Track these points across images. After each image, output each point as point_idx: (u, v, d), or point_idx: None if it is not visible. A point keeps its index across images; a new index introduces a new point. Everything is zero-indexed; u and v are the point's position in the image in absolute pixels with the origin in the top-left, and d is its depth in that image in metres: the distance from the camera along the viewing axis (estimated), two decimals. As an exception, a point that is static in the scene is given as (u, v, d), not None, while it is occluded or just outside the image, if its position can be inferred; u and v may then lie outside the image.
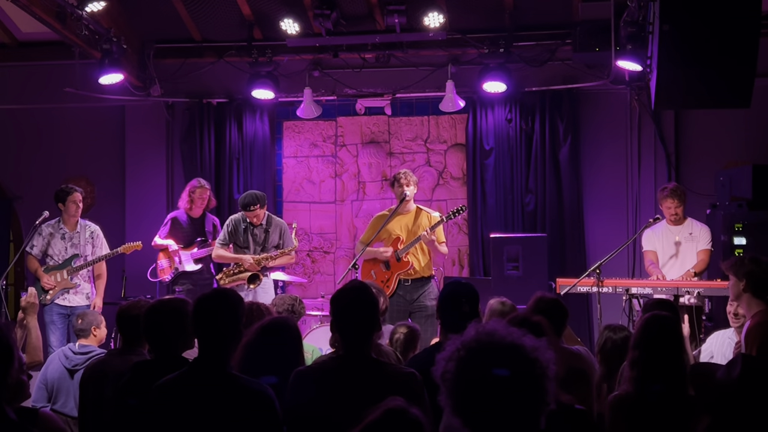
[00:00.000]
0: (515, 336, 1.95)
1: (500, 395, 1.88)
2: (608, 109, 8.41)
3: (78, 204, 7.24)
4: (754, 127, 7.96)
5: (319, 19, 7.78)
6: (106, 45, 7.69)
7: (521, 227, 8.32)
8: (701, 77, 5.12)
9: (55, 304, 7.09)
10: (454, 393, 1.93)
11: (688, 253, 6.73)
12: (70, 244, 7.24)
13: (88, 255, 7.27)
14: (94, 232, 7.35)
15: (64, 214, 7.24)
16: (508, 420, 1.89)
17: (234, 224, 7.25)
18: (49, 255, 7.23)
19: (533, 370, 1.90)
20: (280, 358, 3.45)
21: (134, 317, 4.11)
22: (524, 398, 1.90)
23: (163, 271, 7.78)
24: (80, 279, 7.23)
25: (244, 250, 7.19)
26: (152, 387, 3.16)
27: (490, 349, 1.92)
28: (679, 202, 6.75)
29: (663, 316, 3.43)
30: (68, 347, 5.21)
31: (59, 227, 7.25)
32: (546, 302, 4.10)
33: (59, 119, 8.98)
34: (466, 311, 3.70)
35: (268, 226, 7.22)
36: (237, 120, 8.78)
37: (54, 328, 7.02)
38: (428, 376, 3.17)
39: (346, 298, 3.31)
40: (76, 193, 7.25)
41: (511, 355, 1.91)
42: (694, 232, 6.78)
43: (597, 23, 7.42)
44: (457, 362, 1.94)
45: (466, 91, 8.29)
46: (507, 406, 1.89)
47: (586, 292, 6.58)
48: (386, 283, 6.87)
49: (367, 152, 8.82)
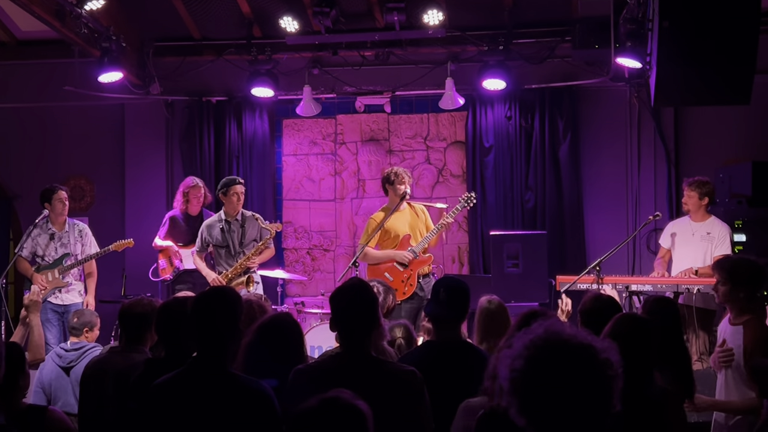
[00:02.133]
0: (583, 336, 1.91)
1: (570, 396, 1.84)
2: (608, 107, 8.41)
3: (64, 202, 7.15)
4: (754, 124, 7.95)
5: (319, 16, 7.78)
6: (105, 43, 7.69)
7: (521, 224, 8.31)
8: (701, 74, 5.11)
9: (48, 302, 7.04)
10: (522, 392, 1.88)
11: (700, 251, 6.57)
12: (59, 243, 7.18)
13: (78, 254, 7.22)
14: (83, 231, 7.30)
15: (51, 213, 7.12)
16: (575, 421, 1.85)
17: (208, 229, 7.15)
18: (39, 255, 7.16)
19: (604, 372, 1.86)
20: (282, 355, 3.45)
21: (137, 315, 4.11)
22: (593, 399, 1.85)
23: (164, 271, 7.78)
24: (71, 277, 7.20)
25: (225, 249, 7.09)
26: (151, 386, 3.16)
27: (562, 348, 1.88)
28: (694, 193, 6.58)
29: (637, 316, 3.43)
30: (60, 347, 5.22)
31: (47, 227, 7.17)
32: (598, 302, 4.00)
33: (59, 118, 8.99)
34: (443, 299, 3.77)
35: (243, 222, 7.12)
36: (236, 118, 8.78)
37: (50, 326, 7.00)
38: (423, 374, 3.22)
39: (345, 296, 3.30)
40: (61, 192, 7.16)
41: (582, 355, 1.87)
42: (712, 233, 6.58)
43: (596, 20, 7.41)
44: (526, 360, 1.89)
45: (466, 89, 8.29)
46: (576, 407, 1.85)
47: (586, 290, 6.56)
48: (408, 282, 6.75)
49: (366, 150, 8.82)
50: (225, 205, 7.11)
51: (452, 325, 3.77)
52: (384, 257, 6.82)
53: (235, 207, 7.09)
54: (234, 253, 7.05)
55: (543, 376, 1.86)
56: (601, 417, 1.87)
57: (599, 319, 3.59)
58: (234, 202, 7.07)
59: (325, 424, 2.11)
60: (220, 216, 7.14)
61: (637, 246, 7.87)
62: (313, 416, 2.12)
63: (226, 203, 7.10)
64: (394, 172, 6.91)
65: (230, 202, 7.07)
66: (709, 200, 6.68)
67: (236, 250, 7.06)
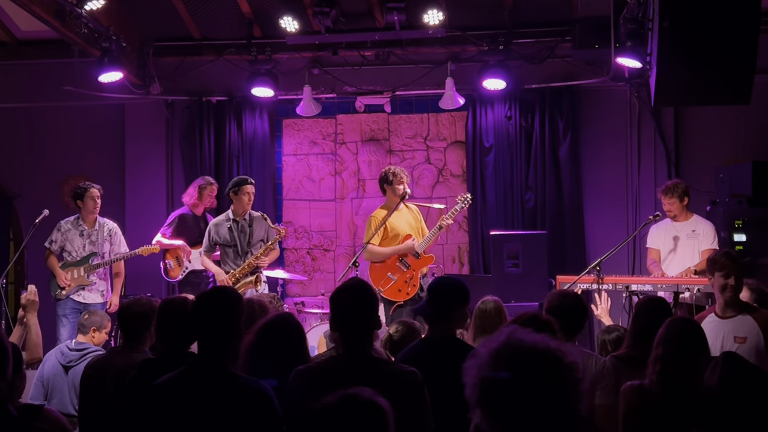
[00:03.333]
0: (546, 342, 1.88)
1: (534, 403, 1.82)
2: (608, 106, 8.41)
3: (96, 200, 7.29)
4: (754, 124, 7.95)
5: (319, 16, 7.78)
6: (105, 43, 7.69)
7: (521, 224, 8.31)
8: (701, 74, 5.10)
9: (69, 299, 7.19)
10: (487, 400, 1.86)
11: (689, 250, 6.70)
12: (88, 241, 7.30)
13: (105, 253, 7.33)
14: (112, 230, 7.42)
15: (83, 210, 7.30)
16: (541, 428, 1.83)
17: (215, 228, 7.18)
18: (67, 251, 7.28)
19: (568, 377, 1.84)
20: (283, 356, 3.45)
21: (135, 315, 4.12)
22: (558, 405, 1.83)
23: (173, 271, 7.77)
24: (96, 277, 7.28)
25: (233, 249, 7.11)
26: (152, 385, 3.16)
27: (525, 355, 1.86)
28: (673, 198, 6.70)
29: (687, 318, 3.49)
30: (65, 344, 5.23)
31: (78, 224, 7.31)
32: (565, 299, 4.09)
33: (59, 117, 8.98)
34: (425, 299, 3.87)
35: (251, 221, 7.14)
36: (236, 118, 8.78)
37: (66, 321, 7.09)
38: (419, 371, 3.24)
39: (345, 296, 3.30)
40: (94, 189, 7.30)
41: (545, 361, 1.84)
42: (697, 230, 6.72)
43: (596, 20, 7.40)
44: (490, 368, 1.87)
45: (466, 89, 8.29)
46: (541, 413, 1.82)
47: (587, 290, 6.57)
48: (411, 282, 6.79)
49: (366, 150, 8.82)
50: (234, 204, 7.14)
51: (441, 323, 3.80)
52: (389, 253, 6.84)
53: (244, 207, 7.12)
54: (241, 252, 7.08)
55: (507, 383, 1.84)
56: (567, 423, 1.84)
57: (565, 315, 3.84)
58: (245, 202, 7.10)
59: (345, 421, 2.08)
60: (228, 215, 7.17)
61: (637, 246, 7.86)
62: (334, 412, 2.09)
63: (235, 202, 7.13)
64: (392, 172, 6.91)
65: (240, 201, 7.10)
66: (688, 198, 6.78)
67: (244, 250, 7.08)
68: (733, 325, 4.48)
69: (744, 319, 4.46)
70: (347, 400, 2.11)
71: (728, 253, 4.69)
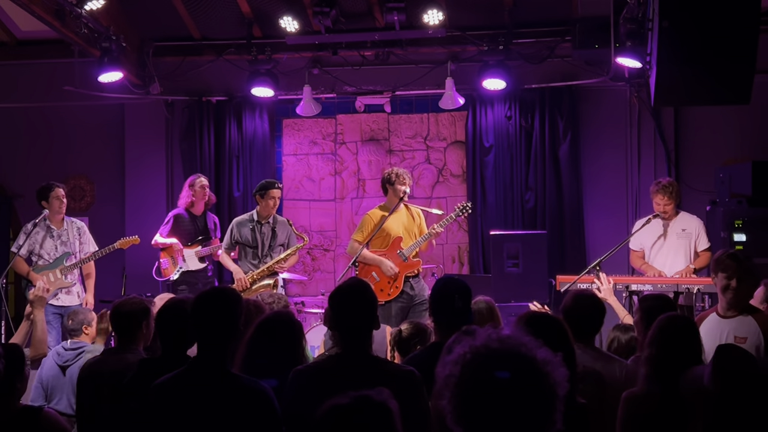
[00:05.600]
0: (529, 346, 1.81)
1: (504, 407, 1.76)
2: (608, 106, 8.41)
3: (62, 200, 7.11)
4: (754, 124, 7.96)
5: (319, 16, 7.78)
6: (105, 43, 7.69)
7: (521, 224, 8.32)
8: (701, 74, 5.10)
9: (49, 304, 6.92)
10: (457, 399, 1.80)
11: (681, 249, 6.71)
12: (59, 242, 7.14)
13: (77, 252, 7.20)
14: (81, 228, 7.27)
15: (49, 211, 7.06)
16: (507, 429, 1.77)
17: (238, 227, 7.21)
18: (38, 254, 7.10)
19: (542, 385, 1.77)
20: (281, 354, 3.44)
21: (126, 314, 4.09)
22: (529, 413, 1.76)
23: (166, 270, 7.73)
24: (73, 277, 7.16)
25: (253, 250, 7.15)
26: (151, 386, 3.16)
27: (499, 356, 1.79)
28: (670, 198, 6.69)
29: (678, 316, 3.46)
30: (60, 345, 5.21)
31: (44, 224, 7.10)
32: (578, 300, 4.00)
33: (59, 118, 8.99)
34: (459, 307, 3.64)
35: (274, 225, 7.19)
36: (236, 118, 8.78)
37: (50, 328, 6.91)
38: (427, 376, 3.21)
39: (344, 296, 3.30)
40: (58, 189, 7.11)
41: (521, 366, 1.77)
42: (688, 229, 6.74)
43: (596, 20, 7.41)
44: (462, 366, 1.80)
45: (466, 89, 8.28)
46: (511, 419, 1.76)
47: (586, 289, 6.56)
48: (393, 284, 6.79)
49: (366, 150, 8.82)
50: (259, 206, 7.19)
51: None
52: (372, 261, 6.81)
53: (269, 210, 7.16)
54: (261, 255, 7.10)
55: (476, 383, 1.78)
56: (534, 427, 1.77)
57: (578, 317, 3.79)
58: (270, 206, 7.14)
59: (358, 422, 2.05)
60: (252, 216, 7.21)
61: (637, 246, 7.86)
62: (346, 413, 2.06)
63: (261, 205, 7.17)
64: (395, 172, 6.91)
65: (266, 205, 7.14)
66: (680, 197, 6.84)
67: (264, 252, 7.11)
68: (733, 325, 4.48)
69: (745, 319, 4.46)
70: (360, 401, 2.08)
71: (733, 254, 4.67)
